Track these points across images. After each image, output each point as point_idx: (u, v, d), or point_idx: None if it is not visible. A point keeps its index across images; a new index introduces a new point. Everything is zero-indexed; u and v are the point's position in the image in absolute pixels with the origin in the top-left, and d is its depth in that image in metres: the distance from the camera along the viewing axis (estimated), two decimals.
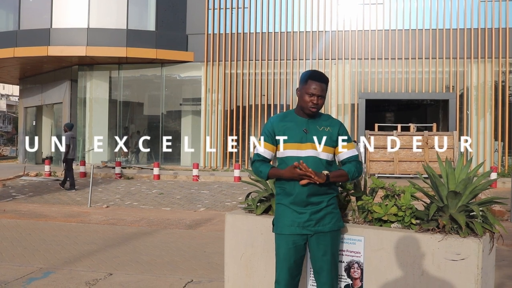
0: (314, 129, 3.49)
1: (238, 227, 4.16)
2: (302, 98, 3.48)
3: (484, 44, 20.09)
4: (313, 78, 3.47)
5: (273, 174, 3.47)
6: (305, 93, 3.46)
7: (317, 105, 3.45)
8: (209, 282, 5.77)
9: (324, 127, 3.52)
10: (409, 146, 18.06)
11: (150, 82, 23.74)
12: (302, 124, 3.51)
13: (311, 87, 3.44)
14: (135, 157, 24.13)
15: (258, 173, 3.53)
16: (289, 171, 3.36)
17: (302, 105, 3.49)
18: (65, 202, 13.19)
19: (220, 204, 12.99)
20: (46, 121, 27.82)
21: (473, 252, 3.30)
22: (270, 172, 3.47)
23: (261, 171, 3.49)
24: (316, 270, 3.53)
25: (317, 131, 3.48)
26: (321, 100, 3.47)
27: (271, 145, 3.52)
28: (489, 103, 20.17)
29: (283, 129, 3.51)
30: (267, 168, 3.47)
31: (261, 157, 3.53)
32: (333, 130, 3.53)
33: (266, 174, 3.48)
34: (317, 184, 3.40)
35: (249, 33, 21.69)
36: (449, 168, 3.62)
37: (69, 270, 6.22)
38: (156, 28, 21.89)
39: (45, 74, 25.41)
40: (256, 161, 3.54)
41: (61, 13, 21.72)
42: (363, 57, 20.83)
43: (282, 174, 3.41)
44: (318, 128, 3.50)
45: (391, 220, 3.70)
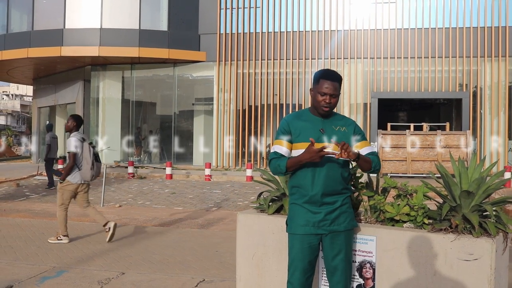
0: (330, 129, 3.48)
1: (249, 227, 4.16)
2: (315, 98, 3.47)
3: (498, 42, 19.95)
4: (325, 77, 3.46)
5: (292, 163, 3.40)
6: (317, 93, 3.45)
7: (330, 104, 3.44)
8: (221, 281, 5.77)
9: (340, 127, 3.51)
10: (422, 146, 18.00)
11: (163, 82, 23.81)
12: (318, 123, 3.49)
13: (323, 86, 3.43)
14: (148, 157, 24.21)
15: (276, 167, 3.47)
16: (308, 153, 3.29)
17: (315, 104, 3.49)
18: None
19: (232, 203, 13.00)
20: (60, 121, 27.93)
21: (486, 252, 3.28)
22: (288, 163, 3.41)
23: (279, 164, 3.43)
24: (330, 269, 3.51)
25: (333, 131, 3.47)
26: (334, 99, 3.45)
27: (287, 143, 3.49)
28: (502, 102, 20.03)
29: (299, 128, 3.49)
30: (284, 161, 3.42)
31: (278, 155, 3.49)
32: (349, 129, 3.53)
33: (285, 166, 3.41)
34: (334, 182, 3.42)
35: (261, 32, 21.69)
36: (462, 168, 3.60)
37: (81, 269, 6.24)
38: (168, 28, 21.96)
39: (58, 74, 25.57)
40: (274, 159, 3.50)
41: (74, 13, 21.85)
42: (375, 56, 20.76)
43: (300, 159, 3.34)
44: (334, 128, 3.49)
45: (403, 220, 3.68)
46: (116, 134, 23.60)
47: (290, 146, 3.49)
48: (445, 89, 20.40)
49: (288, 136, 3.50)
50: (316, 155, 3.26)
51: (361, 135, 3.57)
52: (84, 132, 23.65)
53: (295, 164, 3.39)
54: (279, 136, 3.53)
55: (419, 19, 20.59)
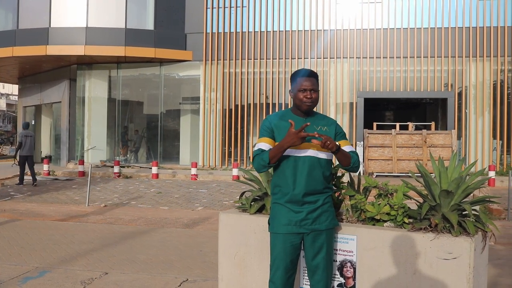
0: (311, 129, 3.49)
1: (231, 226, 4.17)
2: (296, 97, 3.51)
3: (482, 42, 20.08)
4: (302, 75, 3.52)
5: (274, 151, 3.37)
6: (297, 91, 3.49)
7: (311, 99, 3.47)
8: (204, 281, 5.77)
9: (322, 127, 3.54)
10: (407, 145, 18.09)
11: (149, 81, 23.73)
12: (299, 123, 3.50)
13: (302, 83, 3.48)
14: (134, 156, 24.13)
15: (260, 161, 3.44)
16: (289, 135, 3.31)
17: (297, 103, 3.52)
18: (63, 201, 13.19)
19: (218, 203, 13.00)
20: (45, 120, 27.83)
21: (465, 251, 3.31)
22: (270, 154, 3.39)
23: (262, 157, 3.41)
24: (311, 268, 3.53)
25: (315, 131, 3.48)
26: (315, 94, 3.49)
27: (271, 140, 3.49)
28: (487, 102, 20.16)
29: (281, 127, 3.50)
30: (266, 153, 3.41)
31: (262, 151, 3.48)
32: (330, 129, 3.56)
33: (267, 157, 3.39)
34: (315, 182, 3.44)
35: (247, 32, 21.68)
36: (442, 167, 3.63)
37: (65, 269, 6.22)
38: (154, 27, 21.89)
39: (44, 73, 25.41)
40: (257, 155, 3.48)
41: (60, 12, 21.71)
42: (361, 56, 20.82)
43: (282, 144, 3.34)
44: (316, 127, 3.51)
45: (383, 219, 3.70)
46: (102, 134, 23.51)
47: (273, 143, 3.49)
48: (431, 88, 20.50)
49: (271, 133, 3.51)
50: (296, 137, 3.28)
51: (342, 135, 3.61)
52: (69, 131, 23.56)
53: (278, 152, 3.37)
54: (262, 134, 3.55)
55: (405, 19, 20.68)
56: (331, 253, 3.56)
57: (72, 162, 22.97)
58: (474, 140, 20.10)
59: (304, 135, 3.28)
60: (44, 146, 27.71)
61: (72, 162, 22.94)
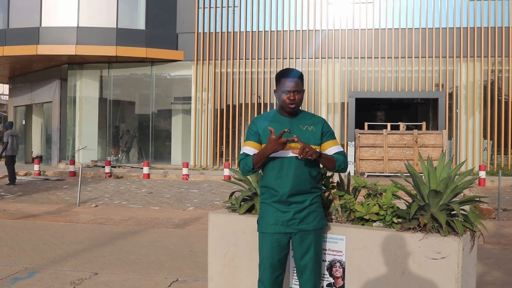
0: (297, 129, 3.50)
1: (221, 226, 4.17)
2: (280, 98, 3.51)
3: (473, 43, 20.16)
4: (285, 75, 3.51)
5: (257, 158, 3.43)
6: (281, 92, 3.49)
7: (294, 101, 3.47)
8: (194, 281, 5.76)
9: (308, 126, 3.54)
10: (399, 145, 18.14)
11: (140, 81, 23.67)
12: (285, 123, 3.51)
13: (285, 84, 3.48)
14: (126, 156, 24.07)
15: (244, 166, 3.50)
16: (269, 143, 3.33)
17: (281, 104, 3.52)
18: (54, 201, 13.14)
19: (209, 203, 12.98)
20: (36, 120, 27.69)
21: (454, 250, 3.32)
22: (253, 159, 3.44)
23: (246, 163, 3.47)
24: (299, 268, 3.54)
25: (301, 131, 3.49)
26: (298, 95, 3.49)
27: (256, 144, 3.53)
28: (478, 102, 20.24)
29: (266, 129, 3.50)
30: (250, 158, 3.46)
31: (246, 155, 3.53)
32: (317, 128, 3.55)
33: (251, 162, 3.44)
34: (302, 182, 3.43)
35: (239, 32, 21.67)
36: (431, 167, 3.64)
37: (54, 270, 6.19)
38: (146, 27, 21.83)
39: (35, 73, 25.29)
40: (242, 159, 3.53)
41: (51, 11, 21.61)
42: (353, 56, 20.84)
43: (264, 151, 3.38)
44: (302, 127, 3.51)
45: (373, 219, 3.71)
46: (93, 134, 23.43)
47: (259, 147, 3.52)
48: (422, 88, 20.56)
49: (257, 137, 3.53)
50: (276, 143, 3.30)
51: (330, 134, 3.59)
52: (60, 131, 23.46)
53: (260, 158, 3.42)
54: (248, 138, 3.57)
55: (396, 19, 20.72)
56: (320, 253, 3.56)
57: (63, 162, 22.88)
58: (464, 140, 20.18)
59: (284, 141, 3.30)
60: (35, 146, 27.57)
61: (63, 162, 22.84)
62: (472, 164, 19.53)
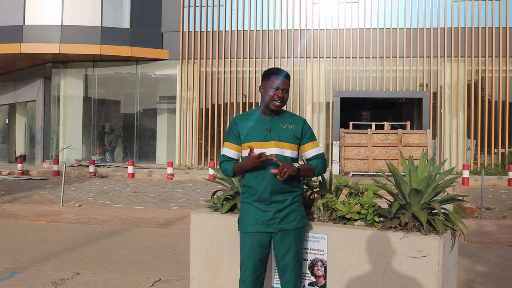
0: (278, 127, 3.50)
1: (203, 226, 4.15)
2: (267, 93, 3.50)
3: (457, 43, 20.28)
4: (276, 73, 3.52)
5: (237, 168, 3.47)
6: (269, 88, 3.49)
7: (282, 99, 3.48)
8: (177, 280, 5.74)
9: (288, 125, 3.53)
10: (383, 144, 18.21)
11: (125, 80, 23.55)
12: (265, 122, 3.51)
13: (275, 81, 3.48)
14: (110, 156, 23.94)
15: (224, 171, 3.55)
16: (249, 160, 3.35)
17: (267, 100, 3.51)
18: (37, 201, 13.04)
19: (194, 202, 12.95)
20: (20, 119, 27.46)
21: (434, 249, 3.32)
22: (234, 168, 3.48)
23: (227, 168, 3.51)
24: (280, 268, 3.53)
25: (281, 129, 3.49)
26: (286, 95, 3.50)
27: (236, 145, 3.54)
28: (462, 102, 20.37)
29: (247, 128, 3.51)
30: (231, 165, 3.49)
31: (227, 158, 3.55)
32: (297, 127, 3.55)
33: (232, 170, 3.49)
34: (282, 181, 3.42)
35: (224, 31, 21.64)
36: (412, 166, 3.64)
37: (36, 270, 6.14)
38: (130, 26, 21.73)
39: (18, 71, 25.08)
40: (223, 162, 3.55)
41: (34, 9, 21.42)
42: (338, 55, 20.89)
43: (244, 165, 3.42)
44: (282, 125, 3.51)
45: (354, 218, 3.71)
46: (78, 133, 23.27)
47: (239, 148, 3.55)
48: (406, 88, 20.65)
49: (237, 137, 3.53)
50: (256, 162, 3.33)
51: (309, 136, 3.59)
52: (44, 130, 23.30)
53: (240, 170, 3.49)
54: (228, 139, 3.58)
55: (381, 19, 20.80)
56: (301, 253, 3.56)
57: (47, 161, 22.71)
58: (448, 139, 20.30)
59: (263, 160, 3.32)
60: (19, 145, 27.35)
61: (47, 162, 22.68)
62: (456, 163, 19.65)
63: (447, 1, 20.48)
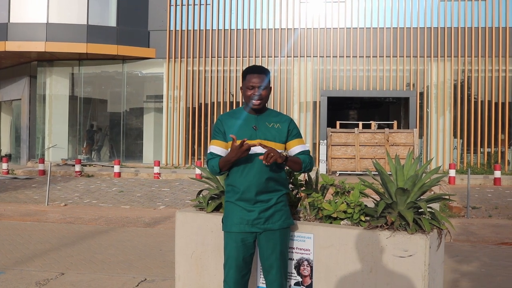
0: (263, 126, 3.47)
1: (188, 225, 4.11)
2: (246, 94, 3.47)
3: (444, 43, 20.37)
4: (251, 71, 3.48)
5: (223, 162, 3.39)
6: (245, 88, 3.46)
7: (260, 96, 3.44)
8: (162, 280, 5.69)
9: (274, 124, 3.50)
10: (370, 144, 18.25)
11: (112, 78, 23.42)
12: (251, 120, 3.48)
13: (250, 80, 3.44)
14: (97, 155, 23.80)
15: (211, 168, 3.48)
16: (233, 150, 3.29)
17: (246, 100, 3.49)
18: (22, 200, 12.92)
19: (181, 201, 12.90)
20: (5, 118, 27.24)
21: (420, 248, 3.32)
22: (220, 163, 3.41)
23: (213, 165, 3.45)
24: (266, 268, 3.50)
25: (267, 128, 3.47)
26: (265, 91, 3.46)
27: (223, 142, 3.49)
28: (448, 101, 20.46)
29: (232, 126, 3.47)
30: (217, 161, 3.43)
31: (214, 155, 3.49)
32: (283, 126, 3.51)
33: (218, 166, 3.42)
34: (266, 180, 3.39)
35: (211, 30, 21.58)
36: (398, 165, 3.63)
37: (19, 270, 6.07)
38: (117, 24, 21.60)
39: (3, 70, 24.87)
40: (210, 160, 3.50)
41: (20, 7, 21.24)
42: (325, 55, 20.91)
43: (228, 157, 3.34)
44: (268, 124, 3.48)
45: (340, 217, 3.69)
46: (64, 132, 23.11)
47: (225, 146, 3.49)
48: (393, 87, 20.71)
49: (223, 135, 3.49)
50: (239, 151, 3.26)
51: (295, 133, 3.56)
52: (30, 129, 23.12)
53: (225, 164, 3.40)
54: (214, 137, 3.54)
55: (368, 18, 20.84)
56: (286, 253, 3.53)
57: (33, 160, 22.54)
58: (435, 138, 20.39)
59: (247, 147, 3.25)
60: (4, 144, 27.13)
61: (32, 161, 22.50)
62: (443, 162, 19.74)
63: (433, 1, 20.56)
